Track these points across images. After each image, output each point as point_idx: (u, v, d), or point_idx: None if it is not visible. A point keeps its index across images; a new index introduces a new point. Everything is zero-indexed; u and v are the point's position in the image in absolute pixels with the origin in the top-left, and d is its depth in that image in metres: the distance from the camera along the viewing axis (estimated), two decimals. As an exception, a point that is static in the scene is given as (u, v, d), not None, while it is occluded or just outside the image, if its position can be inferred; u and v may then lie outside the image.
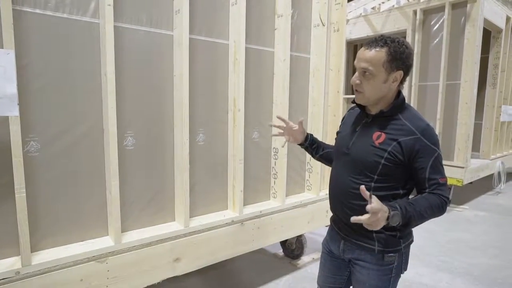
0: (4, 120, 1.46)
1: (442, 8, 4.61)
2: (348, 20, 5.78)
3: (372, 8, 5.72)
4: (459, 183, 4.54)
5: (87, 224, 1.80)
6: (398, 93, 1.29)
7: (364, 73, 1.21)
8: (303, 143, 1.60)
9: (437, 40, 4.73)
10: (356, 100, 1.31)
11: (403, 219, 1.13)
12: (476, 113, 4.80)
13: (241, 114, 2.28)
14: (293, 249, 3.03)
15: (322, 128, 2.86)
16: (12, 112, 1.41)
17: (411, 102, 4.94)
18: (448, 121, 4.69)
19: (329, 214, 1.47)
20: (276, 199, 2.65)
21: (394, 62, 1.19)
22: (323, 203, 2.86)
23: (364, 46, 1.23)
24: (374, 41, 1.21)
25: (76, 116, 1.71)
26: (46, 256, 1.62)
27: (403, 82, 1.27)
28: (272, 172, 2.66)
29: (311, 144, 1.60)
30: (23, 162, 1.49)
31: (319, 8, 2.75)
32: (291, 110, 2.66)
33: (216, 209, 2.35)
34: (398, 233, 1.28)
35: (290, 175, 2.73)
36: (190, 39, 2.00)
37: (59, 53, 1.64)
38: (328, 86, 2.94)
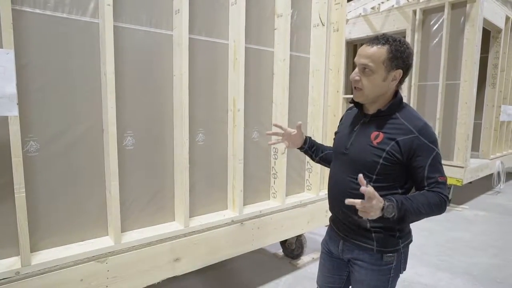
0: (3, 120, 1.46)
1: (441, 8, 4.61)
2: (348, 20, 5.78)
3: (372, 8, 5.72)
4: (458, 183, 4.54)
5: (87, 224, 1.80)
6: (396, 92, 1.29)
7: (364, 69, 1.22)
8: (302, 147, 1.60)
9: (436, 40, 4.73)
10: (354, 98, 1.31)
11: (398, 212, 1.13)
12: (476, 112, 4.81)
13: (241, 114, 2.28)
14: (293, 249, 3.03)
15: (321, 128, 2.86)
16: (12, 112, 1.41)
17: (411, 102, 4.94)
18: (448, 120, 4.69)
19: (328, 214, 1.47)
20: (276, 199, 2.65)
21: (395, 61, 1.19)
22: (323, 203, 2.86)
23: (366, 43, 1.24)
24: (376, 38, 1.22)
25: (76, 116, 1.71)
26: (46, 256, 1.62)
27: (402, 82, 1.27)
28: (272, 172, 2.66)
29: (310, 147, 1.61)
30: (22, 162, 1.49)
31: (319, 8, 2.75)
32: (291, 110, 2.66)
33: (216, 209, 2.35)
34: (397, 233, 1.28)
35: (290, 175, 2.73)
36: (190, 39, 2.00)
37: (59, 53, 1.64)
38: (328, 86, 2.95)
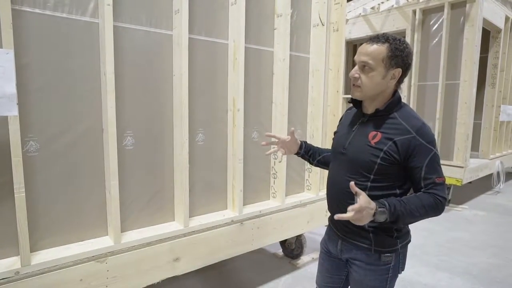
0: (3, 120, 1.46)
1: (441, 8, 4.62)
2: (348, 20, 5.79)
3: (372, 8, 5.72)
4: (458, 183, 4.54)
5: (87, 224, 1.80)
6: (394, 92, 1.29)
7: (364, 67, 1.22)
8: (298, 152, 1.60)
9: (436, 40, 4.73)
10: (352, 95, 1.31)
11: (391, 216, 1.14)
12: (475, 112, 4.81)
13: (240, 114, 2.28)
14: (292, 248, 3.03)
15: (321, 128, 2.86)
16: (11, 111, 1.41)
17: (411, 102, 4.95)
18: (448, 120, 4.69)
19: (328, 213, 1.47)
20: (275, 199, 2.65)
21: (394, 59, 1.20)
22: (322, 202, 2.86)
23: (366, 41, 1.24)
24: (376, 37, 1.22)
25: (76, 116, 1.71)
26: (45, 256, 1.62)
27: (401, 82, 1.27)
28: (271, 172, 2.67)
29: (307, 152, 1.61)
30: (22, 161, 1.49)
31: (319, 7, 2.75)
32: (290, 110, 2.67)
33: (216, 208, 2.35)
34: (394, 233, 1.28)
35: (289, 175, 2.73)
36: (190, 38, 2.00)
37: (59, 52, 1.64)
38: (328, 86, 2.95)
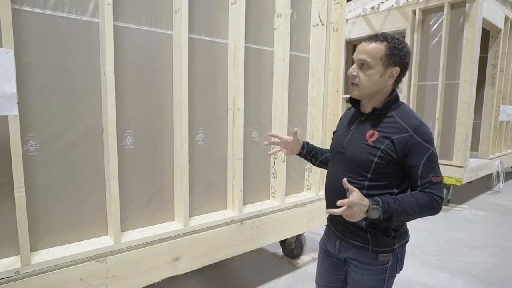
0: (3, 119, 1.46)
1: (441, 8, 4.62)
2: (347, 19, 5.79)
3: (371, 8, 5.72)
4: (458, 183, 4.55)
5: (87, 223, 1.80)
6: (392, 91, 1.29)
7: (362, 65, 1.23)
8: (300, 152, 1.61)
9: (436, 39, 4.73)
10: (350, 94, 1.31)
11: (384, 213, 1.15)
12: (475, 112, 4.82)
13: (240, 114, 2.28)
14: (292, 248, 3.03)
15: (321, 127, 2.86)
16: (11, 111, 1.41)
17: (410, 101, 4.95)
18: (447, 120, 4.70)
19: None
20: (275, 199, 2.66)
21: (392, 58, 1.20)
22: (322, 202, 2.86)
23: (365, 40, 1.25)
24: (375, 35, 1.23)
25: (76, 116, 1.71)
26: (45, 255, 1.62)
27: (399, 81, 1.27)
28: (271, 172, 2.67)
29: (309, 152, 1.61)
30: (22, 161, 1.49)
31: (319, 7, 2.75)
32: (290, 110, 2.67)
33: (216, 208, 2.35)
34: (392, 233, 1.28)
35: (289, 175, 2.73)
36: (190, 38, 2.00)
37: (59, 52, 1.64)
38: (328, 86, 2.95)
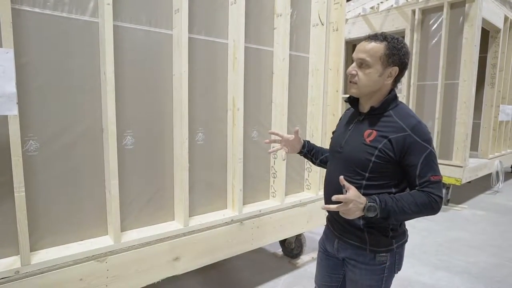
0: (3, 119, 1.46)
1: (440, 8, 4.62)
2: (347, 19, 5.79)
3: (371, 7, 5.72)
4: (457, 182, 4.55)
5: (87, 223, 1.80)
6: (391, 91, 1.29)
7: (361, 64, 1.23)
8: (301, 151, 1.61)
9: (435, 39, 4.74)
10: (349, 92, 1.31)
11: (381, 212, 1.15)
12: (475, 112, 4.82)
13: (240, 113, 2.28)
14: (292, 248, 3.03)
15: (321, 127, 2.86)
16: (11, 111, 1.41)
17: (410, 101, 4.95)
18: (447, 120, 4.70)
19: (327, 213, 1.48)
20: (275, 198, 2.66)
21: (391, 57, 1.21)
22: (322, 202, 2.82)
23: (364, 39, 1.25)
24: (374, 35, 1.24)
25: (76, 115, 1.71)
26: (45, 255, 1.62)
27: (397, 81, 1.28)
28: (271, 171, 2.67)
29: (309, 151, 1.62)
30: (22, 161, 1.49)
31: (318, 7, 2.75)
32: (290, 109, 2.67)
33: (216, 208, 2.35)
34: (390, 232, 1.28)
35: (289, 174, 2.73)
36: (190, 38, 2.00)
37: (58, 52, 1.64)
38: (327, 86, 2.95)
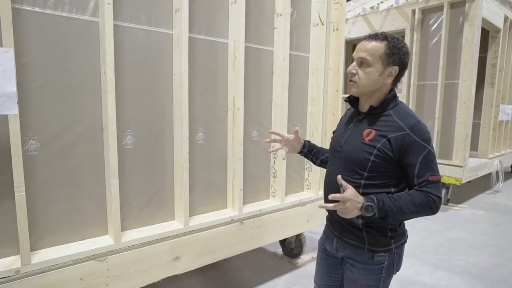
0: (3, 118, 1.46)
1: (440, 8, 4.62)
2: (347, 19, 5.79)
3: (371, 7, 5.72)
4: (457, 182, 4.55)
5: (87, 223, 1.80)
6: (390, 91, 1.29)
7: (362, 63, 1.23)
8: (301, 151, 1.61)
9: (435, 39, 4.74)
10: (349, 91, 1.31)
11: (379, 211, 1.15)
12: (475, 112, 4.82)
13: (240, 113, 2.28)
14: (292, 248, 3.03)
15: (321, 127, 2.86)
16: (12, 110, 1.41)
17: (410, 101, 4.95)
18: (447, 120, 4.70)
19: (327, 213, 1.48)
20: (275, 198, 2.66)
21: (392, 57, 1.21)
22: (322, 202, 2.85)
23: (365, 39, 1.25)
24: (375, 34, 1.24)
25: (76, 115, 1.71)
26: (45, 255, 1.62)
27: (397, 81, 1.28)
28: (271, 171, 2.67)
29: (310, 151, 1.62)
30: (22, 160, 1.49)
31: (318, 7, 2.75)
32: (290, 109, 2.67)
33: (216, 208, 2.35)
34: (388, 232, 1.28)
35: (289, 174, 2.73)
36: (190, 38, 2.00)
37: (59, 51, 1.64)
38: (327, 85, 2.95)
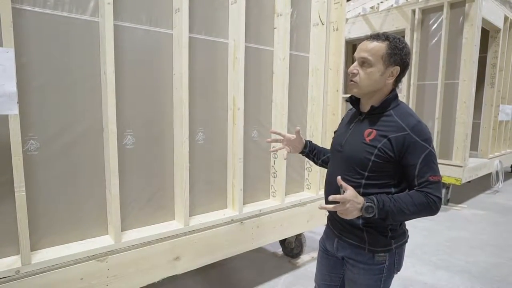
0: (3, 118, 1.46)
1: (440, 8, 4.62)
2: (347, 19, 5.79)
3: (371, 7, 5.72)
4: (457, 182, 4.55)
5: (87, 223, 1.80)
6: (391, 91, 1.29)
7: (363, 63, 1.23)
8: (303, 151, 1.61)
9: (435, 39, 4.74)
10: (350, 91, 1.31)
11: (379, 212, 1.15)
12: (474, 112, 4.82)
13: (240, 113, 2.28)
14: (292, 248, 3.03)
15: (321, 127, 2.86)
16: (12, 110, 1.41)
17: (410, 101, 4.95)
18: (447, 120, 4.70)
19: (327, 213, 1.48)
20: (275, 198, 2.66)
21: (393, 57, 1.21)
22: (322, 202, 2.85)
23: (366, 39, 1.26)
24: (376, 35, 1.24)
25: (76, 115, 1.71)
26: (46, 255, 1.62)
27: (399, 81, 1.28)
28: (271, 171, 2.67)
29: (311, 151, 1.62)
30: (22, 161, 1.49)
31: (318, 7, 2.75)
32: (290, 109, 2.67)
33: (216, 208, 2.35)
34: (389, 233, 1.28)
35: (289, 174, 2.73)
36: (190, 38, 2.00)
37: (59, 51, 1.64)
38: (327, 85, 2.95)
